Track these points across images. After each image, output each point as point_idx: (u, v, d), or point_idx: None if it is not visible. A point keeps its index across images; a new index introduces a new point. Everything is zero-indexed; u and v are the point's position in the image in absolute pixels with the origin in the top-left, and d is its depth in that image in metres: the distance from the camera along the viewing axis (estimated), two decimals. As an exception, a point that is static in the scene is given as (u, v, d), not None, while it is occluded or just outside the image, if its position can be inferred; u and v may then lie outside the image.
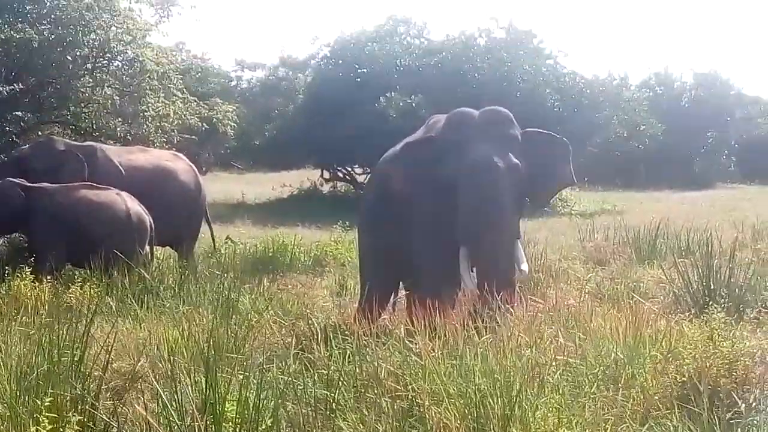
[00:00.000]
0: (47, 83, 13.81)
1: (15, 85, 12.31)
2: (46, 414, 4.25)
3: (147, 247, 10.46)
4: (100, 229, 9.98)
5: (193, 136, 18.75)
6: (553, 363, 5.43)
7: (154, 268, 10.06)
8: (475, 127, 7.39)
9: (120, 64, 14.53)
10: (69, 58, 13.65)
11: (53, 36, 13.39)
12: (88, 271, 9.44)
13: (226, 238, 13.13)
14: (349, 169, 27.91)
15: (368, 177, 25.02)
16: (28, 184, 10.16)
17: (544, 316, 6.59)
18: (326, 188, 27.81)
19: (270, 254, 12.04)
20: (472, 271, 7.18)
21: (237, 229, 15.69)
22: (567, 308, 7.11)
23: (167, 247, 12.23)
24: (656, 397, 5.18)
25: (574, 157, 8.14)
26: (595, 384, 5.22)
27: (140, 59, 14.59)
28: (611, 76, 33.22)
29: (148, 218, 10.48)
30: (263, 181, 28.48)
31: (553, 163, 7.82)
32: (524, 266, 7.15)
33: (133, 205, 10.40)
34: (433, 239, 7.28)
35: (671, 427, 4.73)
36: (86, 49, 14.08)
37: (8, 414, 4.62)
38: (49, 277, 8.90)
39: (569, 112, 26.89)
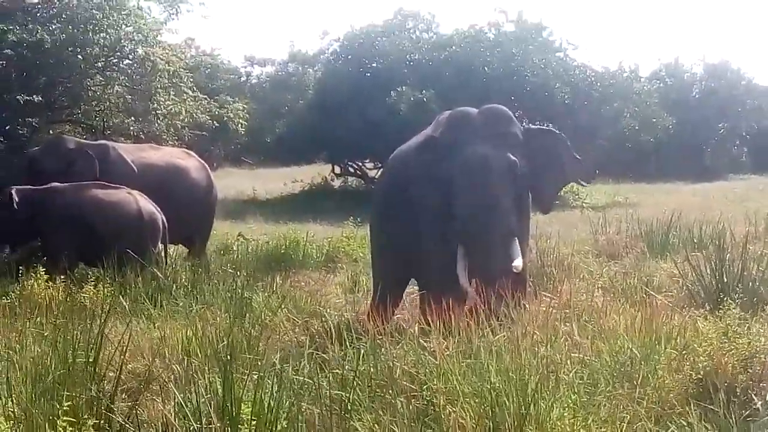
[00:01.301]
0: (58, 83, 13.84)
1: (32, 96, 12.28)
2: (64, 418, 4.25)
3: (160, 246, 10.47)
4: (111, 228, 9.99)
5: (204, 133, 18.77)
6: (568, 361, 5.43)
7: (166, 267, 10.08)
8: (474, 127, 7.39)
9: (130, 62, 14.54)
10: (80, 57, 13.67)
11: (64, 36, 13.41)
12: (100, 270, 9.46)
13: (238, 235, 13.14)
14: (360, 163, 27.88)
15: (379, 172, 25.06)
16: (36, 187, 10.14)
17: (559, 312, 6.58)
18: (337, 183, 27.79)
19: (282, 251, 12.03)
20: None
21: (249, 226, 15.71)
22: (581, 304, 7.11)
23: (179, 246, 12.26)
24: (672, 395, 5.17)
25: (585, 150, 8.14)
26: (611, 382, 5.21)
27: (151, 58, 14.61)
28: (621, 68, 32.98)
29: (160, 216, 10.48)
30: (274, 176, 28.46)
31: (555, 161, 7.80)
32: (518, 263, 7.07)
33: (145, 203, 10.40)
34: (441, 238, 7.28)
35: (687, 425, 4.71)
36: (97, 49, 14.09)
37: (24, 417, 4.63)
38: (62, 277, 8.90)
39: (579, 105, 26.85)
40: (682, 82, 40.23)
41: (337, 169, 27.93)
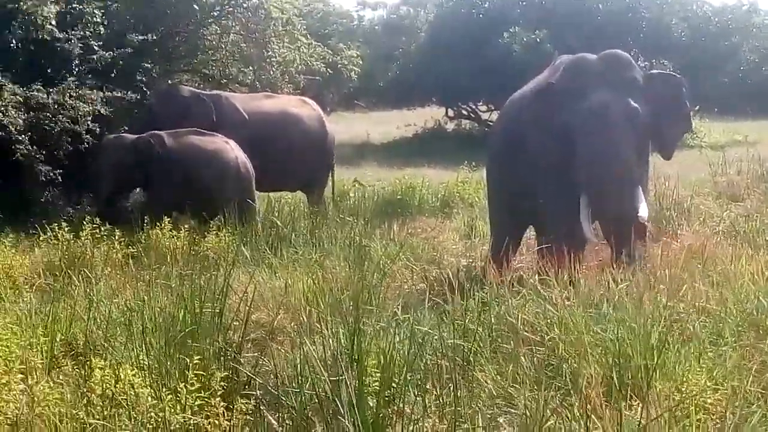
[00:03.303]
0: (175, 33, 14.01)
1: (147, 36, 12.52)
2: (194, 372, 4.35)
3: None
4: (209, 177, 10.18)
5: (317, 78, 18.83)
6: (692, 310, 5.35)
7: (286, 214, 10.22)
8: (594, 73, 7.25)
9: (245, 10, 14.62)
10: (196, 7, 13.80)
11: (180, -17, 13.59)
12: (196, 219, 9.71)
13: (354, 181, 13.24)
14: (473, 106, 27.68)
15: (492, 114, 24.88)
16: (137, 136, 10.34)
17: (681, 259, 6.46)
18: (450, 126, 27.66)
19: (398, 197, 12.11)
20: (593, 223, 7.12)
21: (364, 171, 15.80)
22: (703, 250, 6.98)
23: (298, 193, 12.41)
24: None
25: (705, 86, 7.99)
26: (736, 331, 5.12)
27: (264, 6, 14.67)
28: (740, 2, 32.03)
29: (251, 167, 10.60)
30: (387, 119, 28.46)
31: (677, 107, 7.63)
32: (643, 212, 6.94)
33: (240, 153, 10.53)
34: (560, 186, 7.19)
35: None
36: (212, -2, 14.26)
37: (157, 368, 4.76)
38: (186, 226, 9.05)
39: (697, 41, 26.17)
40: (805, 13, 38.77)
41: (451, 112, 27.77)
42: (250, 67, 15.00)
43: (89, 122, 11.09)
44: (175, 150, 10.22)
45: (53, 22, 10.82)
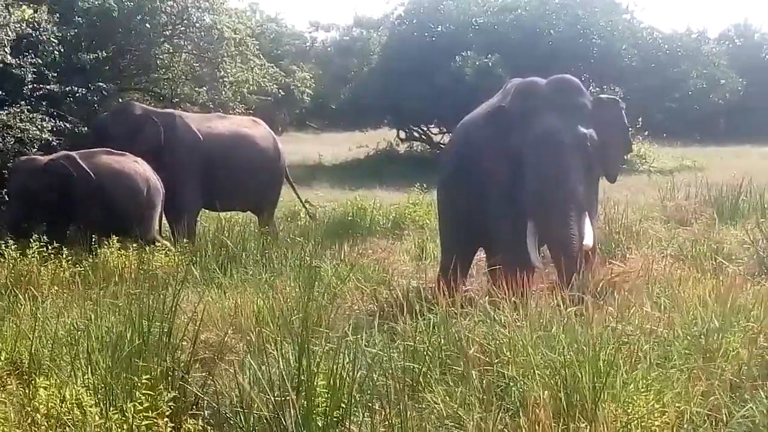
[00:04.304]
0: (127, 51, 13.96)
1: (98, 53, 12.47)
2: (142, 392, 4.32)
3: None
4: (121, 196, 10.01)
5: (269, 98, 18.83)
6: (640, 332, 5.38)
7: (236, 234, 10.17)
8: (543, 98, 7.27)
9: (197, 30, 14.59)
10: (148, 26, 13.75)
11: (132, 3, 13.50)
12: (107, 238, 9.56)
13: (305, 201, 13.22)
14: (425, 128, 27.80)
15: (444, 137, 24.99)
16: (49, 158, 10.07)
17: (630, 282, 6.52)
18: (402, 148, 27.75)
19: (349, 218, 12.10)
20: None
21: (315, 192, 15.78)
22: (652, 273, 7.04)
23: (248, 213, 12.38)
24: (745, 368, 5.09)
25: (653, 112, 8.07)
26: (684, 355, 5.16)
27: (217, 26, 14.67)
28: (689, 30, 32.65)
29: (161, 186, 10.49)
30: (339, 141, 28.50)
31: (622, 131, 7.70)
32: (588, 241, 6.94)
33: (150, 172, 10.44)
34: (510, 208, 7.22)
35: (765, 399, 4.63)
36: (164, 17, 14.16)
37: (103, 388, 4.71)
38: (134, 245, 8.95)
39: (646, 68, 26.49)
40: (752, 42, 39.44)
41: (402, 134, 27.88)
42: (203, 87, 14.97)
43: (37, 146, 11.00)
44: (88, 170, 9.97)
45: (7, 49, 10.69)
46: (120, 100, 13.63)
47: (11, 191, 10.21)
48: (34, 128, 10.97)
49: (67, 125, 11.51)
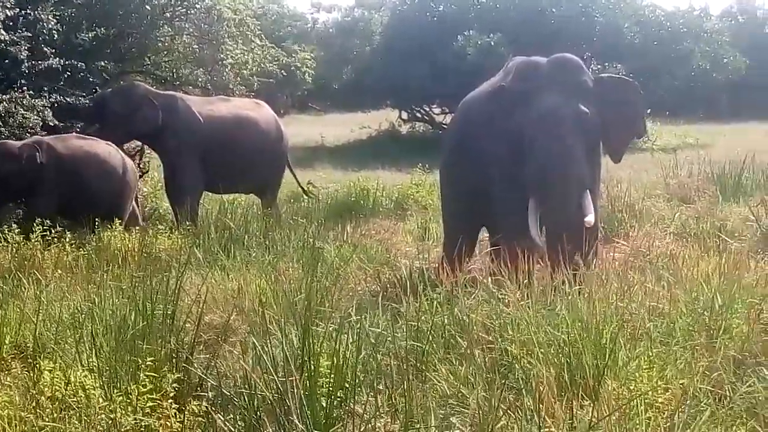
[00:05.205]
0: (127, 33, 13.88)
1: (97, 30, 12.45)
2: (146, 373, 4.33)
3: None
4: (96, 180, 10.06)
5: (271, 80, 18.76)
6: (643, 310, 5.38)
7: (239, 216, 10.18)
8: (544, 76, 7.23)
9: (197, 11, 14.51)
10: (147, 7, 13.69)
11: (132, -15, 13.47)
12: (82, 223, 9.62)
13: (307, 183, 13.22)
14: (427, 109, 27.77)
15: (446, 117, 24.96)
16: (22, 143, 10.01)
17: (633, 260, 6.51)
18: (404, 129, 27.73)
19: (352, 199, 12.11)
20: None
21: (317, 174, 15.80)
22: (655, 251, 7.03)
23: (251, 195, 12.39)
24: (748, 345, 5.08)
25: (656, 90, 7.99)
26: (688, 332, 5.16)
27: (217, 7, 14.59)
28: (692, 7, 32.56)
29: (135, 170, 10.61)
30: (341, 122, 28.48)
31: (627, 111, 7.62)
32: (590, 218, 6.87)
33: (124, 157, 10.51)
34: (512, 187, 7.19)
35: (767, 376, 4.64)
36: (164, -1, 14.14)
37: (107, 370, 4.72)
38: (137, 228, 8.97)
39: (649, 46, 26.41)
40: (755, 19, 39.32)
41: (405, 115, 27.86)
42: (203, 69, 14.90)
43: (38, 129, 10.96)
44: (60, 155, 9.97)
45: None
46: (121, 82, 13.57)
47: None
48: (35, 116, 10.88)
49: (69, 100, 11.35)
